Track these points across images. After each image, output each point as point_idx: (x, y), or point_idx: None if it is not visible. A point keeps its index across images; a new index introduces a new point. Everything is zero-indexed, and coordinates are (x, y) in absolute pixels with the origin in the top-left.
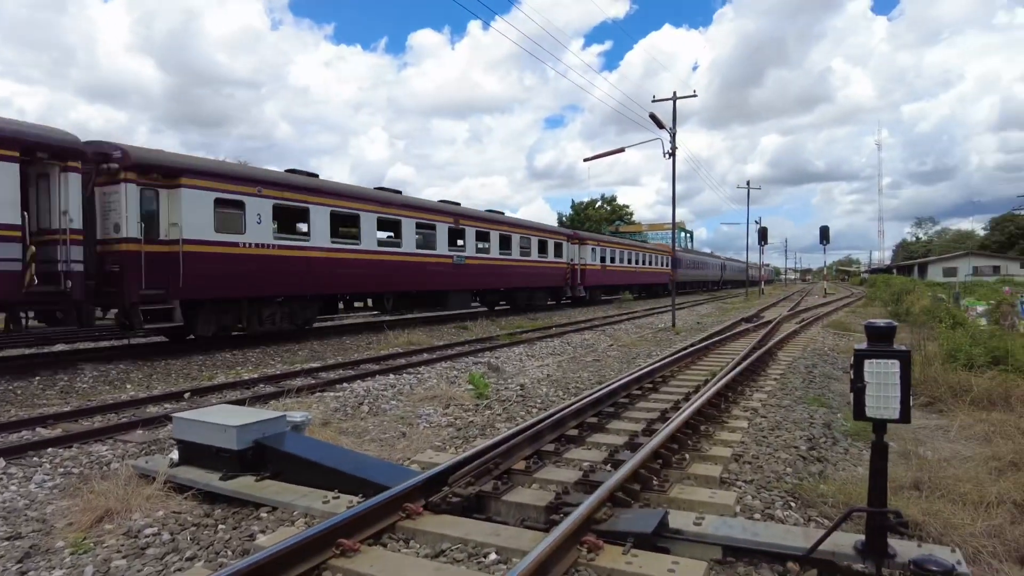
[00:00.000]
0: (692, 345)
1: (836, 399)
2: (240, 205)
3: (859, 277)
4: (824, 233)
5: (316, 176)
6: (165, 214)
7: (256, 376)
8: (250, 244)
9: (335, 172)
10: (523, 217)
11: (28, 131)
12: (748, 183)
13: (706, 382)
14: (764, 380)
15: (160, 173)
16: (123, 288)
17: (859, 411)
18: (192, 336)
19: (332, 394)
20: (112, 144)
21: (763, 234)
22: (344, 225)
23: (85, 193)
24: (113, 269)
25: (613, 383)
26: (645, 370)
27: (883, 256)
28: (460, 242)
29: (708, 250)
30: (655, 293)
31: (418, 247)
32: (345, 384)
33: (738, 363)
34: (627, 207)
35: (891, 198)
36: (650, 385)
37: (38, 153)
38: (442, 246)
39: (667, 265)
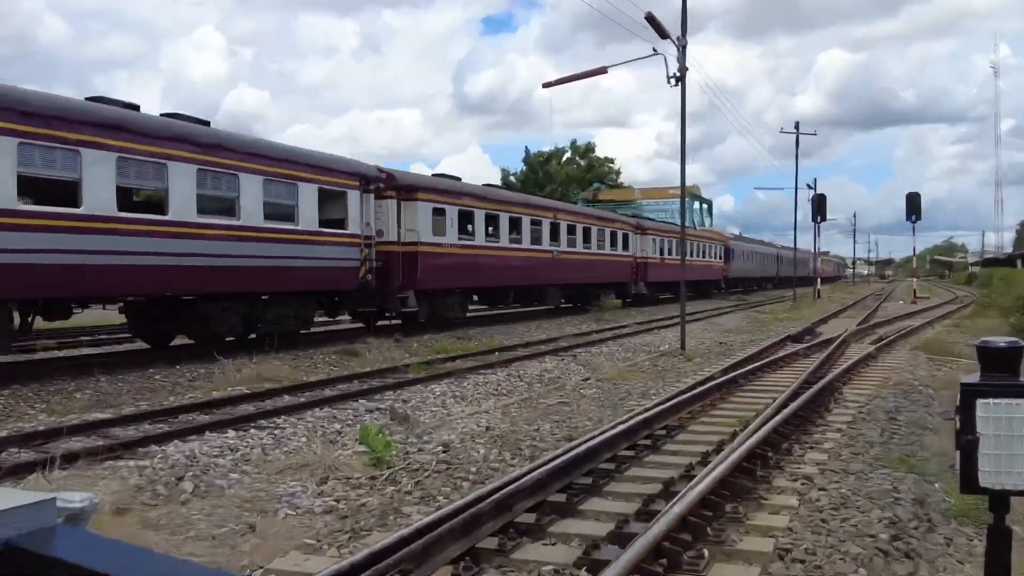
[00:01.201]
0: (711, 379)
1: (933, 461)
2: (442, 212)
3: (966, 272)
4: (913, 204)
5: (459, 179)
6: (404, 221)
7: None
8: (448, 244)
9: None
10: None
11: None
12: (797, 126)
13: (734, 435)
14: (822, 432)
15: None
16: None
17: (969, 479)
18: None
19: (133, 462)
20: (380, 168)
21: (819, 206)
22: (490, 224)
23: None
24: (378, 265)
25: (591, 438)
26: (639, 418)
27: (1001, 240)
28: (557, 237)
29: (764, 238)
30: (704, 292)
31: (531, 243)
32: (157, 446)
33: (782, 406)
34: (610, 162)
35: (1015, 150)
36: (647, 442)
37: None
38: (546, 241)
39: (719, 256)
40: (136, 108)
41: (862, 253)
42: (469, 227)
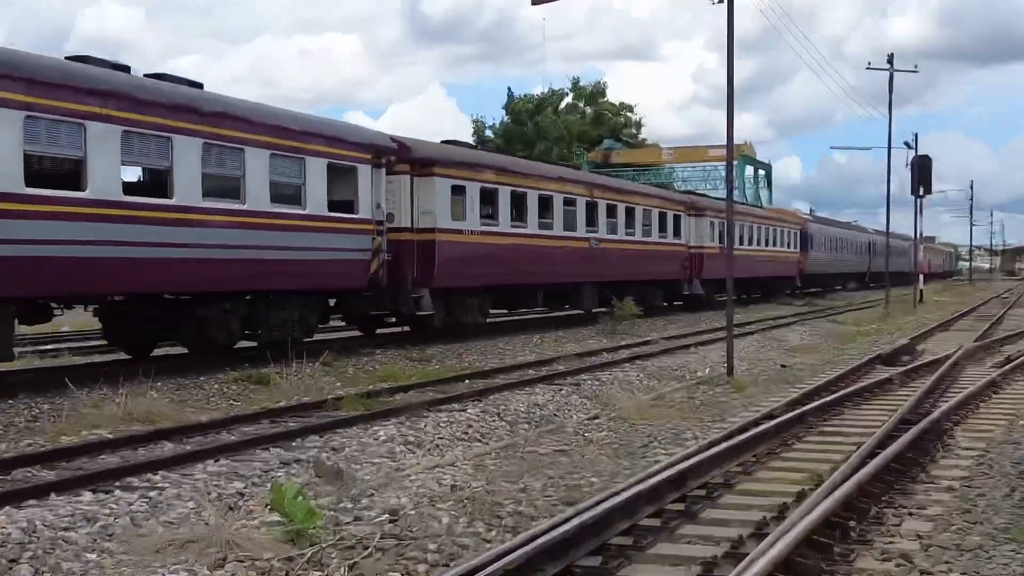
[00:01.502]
0: (771, 416)
1: None
2: (462, 191)
3: None
4: None
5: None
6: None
7: None
8: (469, 231)
9: None
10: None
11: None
12: (891, 61)
13: (801, 497)
14: (926, 492)
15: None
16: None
17: None
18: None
19: None
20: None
21: (922, 172)
22: (515, 206)
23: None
24: (388, 258)
25: (599, 502)
26: (669, 473)
27: None
28: (594, 221)
29: (850, 219)
30: (773, 292)
31: (565, 228)
32: None
33: (869, 454)
34: (628, 110)
35: None
36: (680, 506)
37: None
38: (581, 226)
39: (794, 245)
40: (126, 69)
41: (982, 239)
42: (491, 209)
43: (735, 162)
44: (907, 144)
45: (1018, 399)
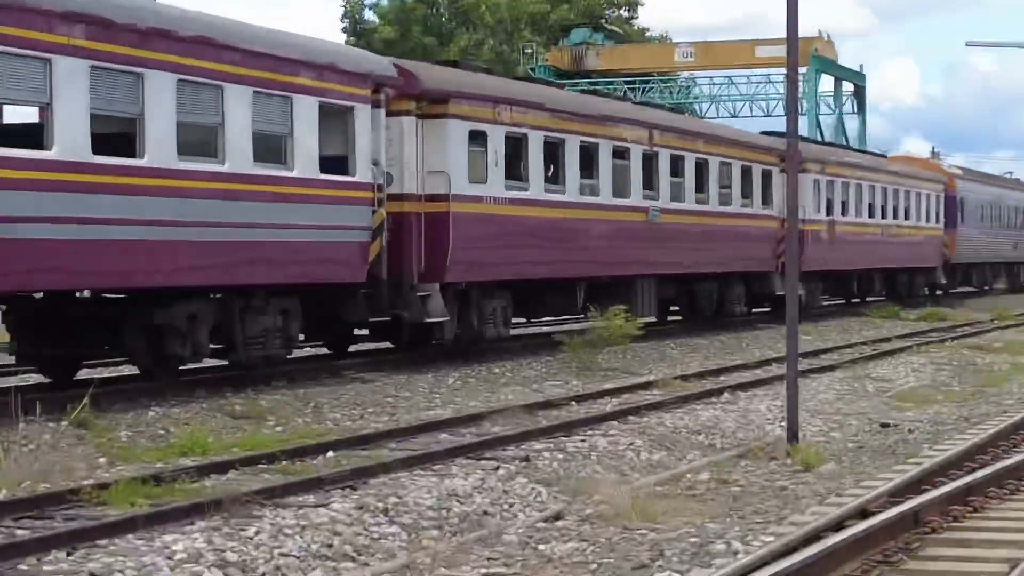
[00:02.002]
0: (864, 514)
1: None
2: (482, 138)
3: None
4: None
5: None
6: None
7: None
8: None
9: None
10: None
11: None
12: None
13: None
14: None
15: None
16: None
17: None
18: None
19: None
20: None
21: None
22: (549, 160)
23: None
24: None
25: None
26: None
27: None
28: (652, 182)
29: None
30: (899, 290)
31: (615, 194)
32: None
33: None
34: None
35: None
36: None
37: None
38: (636, 190)
39: (935, 218)
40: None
41: None
42: (519, 166)
43: (803, 70)
44: None
45: None
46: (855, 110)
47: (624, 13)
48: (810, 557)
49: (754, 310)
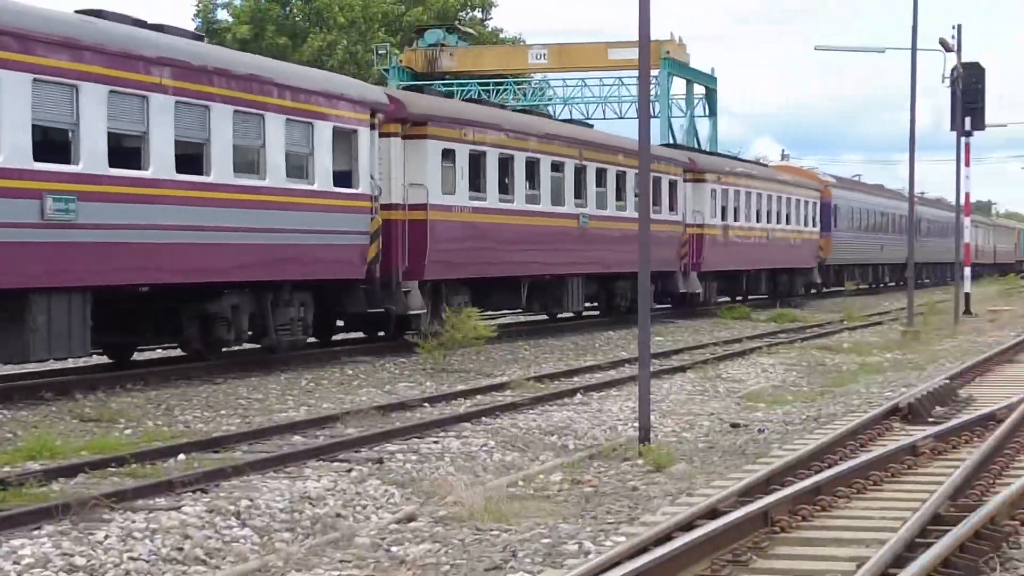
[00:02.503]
0: (714, 514)
1: None
2: (452, 156)
3: None
4: None
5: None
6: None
7: None
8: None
9: None
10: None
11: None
12: None
13: None
14: None
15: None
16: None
17: None
18: None
19: None
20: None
21: (969, 93)
22: (503, 173)
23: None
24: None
25: None
26: None
27: None
28: (582, 192)
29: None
30: (780, 289)
31: (553, 202)
32: None
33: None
34: None
35: None
36: None
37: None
38: (569, 199)
39: (812, 222)
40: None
41: None
42: (478, 179)
43: (655, 73)
44: (944, 44)
45: None
46: (707, 113)
47: (478, 15)
48: (661, 557)
49: (656, 306)
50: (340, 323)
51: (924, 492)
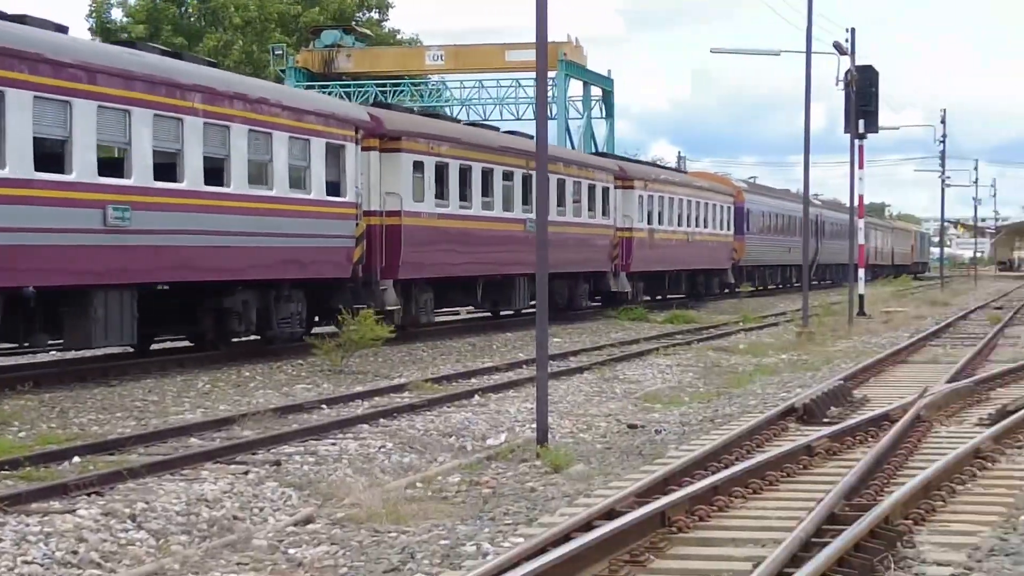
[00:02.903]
0: (611, 515)
1: None
2: (421, 167)
3: None
4: None
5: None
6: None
7: None
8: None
9: None
10: None
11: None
12: None
13: None
14: None
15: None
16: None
17: None
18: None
19: None
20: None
21: (862, 95)
22: (463, 182)
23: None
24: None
25: None
26: None
27: None
28: (528, 199)
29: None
30: (698, 288)
31: (504, 208)
32: None
33: None
34: None
35: None
36: None
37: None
38: (517, 205)
39: (726, 225)
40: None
41: (963, 211)
42: (442, 188)
43: (552, 75)
44: (838, 47)
45: (1021, 478)
46: (604, 115)
47: (375, 15)
48: (559, 557)
49: (587, 303)
50: (316, 318)
51: (820, 492)
